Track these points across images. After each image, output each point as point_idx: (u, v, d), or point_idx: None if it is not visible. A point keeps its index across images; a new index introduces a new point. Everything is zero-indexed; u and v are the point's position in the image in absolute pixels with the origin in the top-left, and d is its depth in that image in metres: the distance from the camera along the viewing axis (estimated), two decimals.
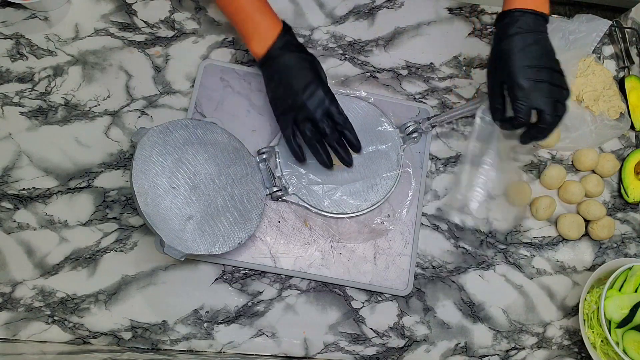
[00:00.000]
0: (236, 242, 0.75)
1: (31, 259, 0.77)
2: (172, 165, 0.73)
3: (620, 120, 0.91)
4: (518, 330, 0.83)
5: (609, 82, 0.92)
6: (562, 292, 0.85)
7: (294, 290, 0.80)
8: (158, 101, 0.85)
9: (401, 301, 0.82)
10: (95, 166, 0.81)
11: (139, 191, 0.69)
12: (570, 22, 0.93)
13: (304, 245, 0.81)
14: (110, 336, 0.76)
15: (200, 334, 0.78)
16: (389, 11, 0.93)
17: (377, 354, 0.80)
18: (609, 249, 0.88)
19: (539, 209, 0.85)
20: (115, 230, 0.80)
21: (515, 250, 0.86)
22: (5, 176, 0.80)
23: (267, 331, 0.79)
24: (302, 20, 0.91)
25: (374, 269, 0.81)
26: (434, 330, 0.81)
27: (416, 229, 0.83)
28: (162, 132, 0.73)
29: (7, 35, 0.85)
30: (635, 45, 0.96)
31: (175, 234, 0.70)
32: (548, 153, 0.90)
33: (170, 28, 0.88)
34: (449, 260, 0.84)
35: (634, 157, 0.90)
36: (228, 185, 0.77)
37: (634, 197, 0.89)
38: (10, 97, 0.82)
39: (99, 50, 0.86)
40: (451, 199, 0.85)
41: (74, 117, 0.83)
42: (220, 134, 0.79)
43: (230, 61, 0.87)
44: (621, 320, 0.76)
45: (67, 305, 0.77)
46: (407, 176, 0.84)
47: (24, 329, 0.75)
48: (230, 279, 0.80)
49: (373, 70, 0.90)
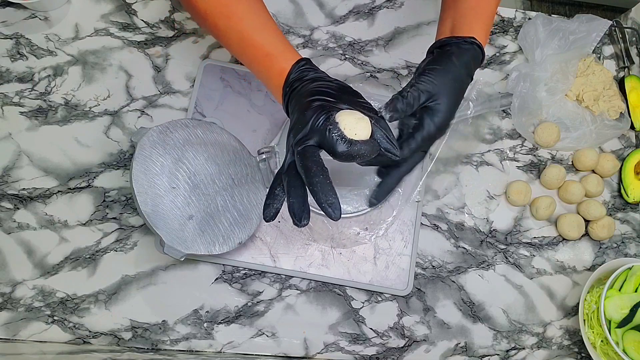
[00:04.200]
0: (236, 242, 0.75)
1: (31, 259, 0.77)
2: (172, 165, 0.73)
3: (620, 120, 0.91)
4: (518, 330, 0.83)
5: (609, 82, 0.92)
6: (562, 292, 0.85)
7: (294, 290, 0.80)
8: (158, 101, 0.85)
9: (401, 301, 0.82)
10: (95, 166, 0.81)
11: (139, 191, 0.69)
12: (570, 22, 0.93)
13: (304, 245, 0.81)
14: (110, 336, 0.76)
15: (200, 334, 0.78)
16: (389, 11, 0.93)
17: (377, 354, 0.80)
18: (609, 249, 0.88)
19: (539, 209, 0.85)
20: (115, 230, 0.80)
21: (515, 250, 0.86)
22: (5, 176, 0.80)
23: (267, 331, 0.79)
24: (302, 20, 0.91)
25: (374, 268, 0.81)
26: (434, 330, 0.81)
27: (416, 229, 0.83)
28: (162, 132, 0.73)
29: (7, 35, 0.85)
30: (635, 45, 0.96)
31: (175, 234, 0.70)
32: (548, 153, 0.90)
33: (170, 28, 0.88)
34: (449, 260, 0.84)
35: (634, 157, 0.90)
36: (228, 185, 0.77)
37: (634, 197, 0.89)
38: (10, 97, 0.82)
39: (99, 50, 0.86)
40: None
41: (74, 117, 0.83)
42: (220, 134, 0.79)
43: (230, 61, 0.87)
44: (621, 320, 0.76)
45: (67, 305, 0.77)
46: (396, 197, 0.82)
47: (24, 329, 0.75)
48: (230, 279, 0.80)
49: (373, 70, 0.90)
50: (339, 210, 0.54)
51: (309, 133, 0.55)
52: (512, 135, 0.90)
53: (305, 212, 0.56)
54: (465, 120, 0.85)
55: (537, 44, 0.91)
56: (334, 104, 0.57)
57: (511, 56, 0.94)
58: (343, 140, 0.55)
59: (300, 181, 0.56)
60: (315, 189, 0.54)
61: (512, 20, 0.96)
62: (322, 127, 0.55)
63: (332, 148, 0.55)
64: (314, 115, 0.55)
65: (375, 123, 0.57)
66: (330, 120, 0.55)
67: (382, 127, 0.58)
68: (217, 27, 0.65)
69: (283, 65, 0.62)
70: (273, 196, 0.58)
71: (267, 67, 0.63)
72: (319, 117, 0.55)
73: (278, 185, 0.58)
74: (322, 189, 0.54)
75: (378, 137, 0.57)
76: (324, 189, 0.54)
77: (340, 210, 0.54)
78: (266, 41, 0.64)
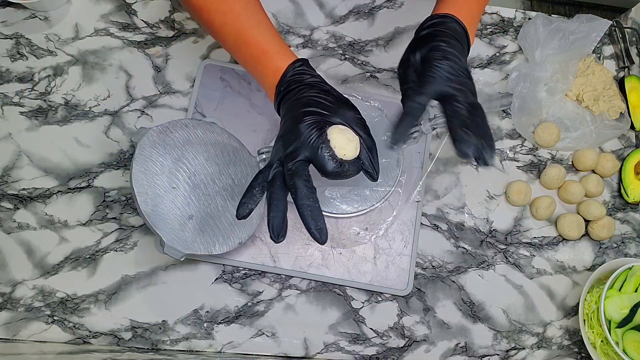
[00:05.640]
0: (236, 242, 0.75)
1: (31, 259, 0.77)
2: (172, 165, 0.73)
3: (620, 120, 0.91)
4: (518, 330, 0.83)
5: (609, 82, 0.92)
6: (562, 292, 0.85)
7: (294, 290, 0.80)
8: (158, 101, 0.85)
9: (401, 301, 0.82)
10: (95, 166, 0.81)
11: (139, 191, 0.69)
12: (570, 22, 0.93)
13: (304, 245, 0.81)
14: (110, 336, 0.76)
15: (200, 334, 0.78)
16: (389, 11, 0.93)
17: (377, 354, 0.80)
18: (609, 249, 0.88)
19: (539, 209, 0.85)
20: (115, 230, 0.80)
21: (515, 250, 0.86)
22: (5, 176, 0.80)
23: (267, 331, 0.79)
24: (302, 20, 0.91)
25: (374, 268, 0.81)
26: (434, 330, 0.81)
27: (416, 229, 0.83)
28: (162, 132, 0.73)
29: (7, 35, 0.85)
30: (635, 45, 0.96)
31: (175, 234, 0.70)
32: (548, 153, 0.90)
33: (170, 28, 0.88)
34: (449, 260, 0.84)
35: (634, 157, 0.90)
36: (228, 185, 0.77)
37: (634, 197, 0.89)
38: (10, 97, 0.82)
39: (99, 50, 0.86)
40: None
41: (74, 117, 0.83)
42: (220, 134, 0.79)
43: (230, 61, 0.87)
44: (621, 320, 0.76)
45: (67, 305, 0.77)
46: (396, 196, 0.83)
47: (24, 329, 0.75)
48: (230, 279, 0.80)
49: (373, 70, 0.90)
50: (326, 235, 0.56)
51: (300, 147, 0.56)
52: (512, 135, 0.90)
53: (284, 229, 0.56)
54: None
55: (537, 44, 0.91)
56: (328, 118, 0.58)
57: (511, 56, 0.94)
58: (334, 160, 0.56)
59: (284, 195, 0.57)
60: (305, 212, 0.55)
61: (512, 20, 0.96)
62: (315, 145, 0.56)
63: (322, 166, 0.56)
64: (307, 130, 0.56)
65: (363, 143, 0.59)
66: (322, 137, 0.56)
67: (368, 149, 0.59)
68: (212, 24, 0.65)
69: (279, 63, 0.62)
70: (250, 195, 0.58)
71: (262, 65, 0.63)
72: (312, 132, 0.56)
73: (257, 185, 0.58)
74: (312, 213, 0.55)
75: (362, 159, 0.59)
76: (314, 214, 0.55)
77: (327, 235, 0.56)
78: (262, 39, 0.63)
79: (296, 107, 0.59)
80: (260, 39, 0.63)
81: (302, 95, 0.60)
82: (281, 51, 0.63)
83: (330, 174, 0.57)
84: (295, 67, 0.61)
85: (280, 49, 0.63)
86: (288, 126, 0.58)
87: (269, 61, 0.62)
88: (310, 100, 0.59)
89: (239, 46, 0.65)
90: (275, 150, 0.59)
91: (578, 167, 0.89)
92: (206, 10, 0.65)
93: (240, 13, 0.64)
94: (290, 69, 0.61)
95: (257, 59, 0.63)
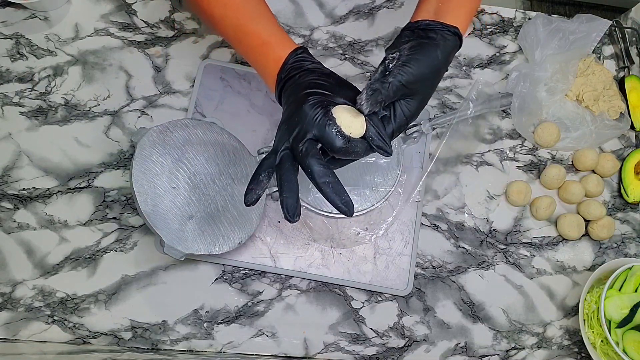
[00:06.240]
0: (236, 242, 0.75)
1: (31, 259, 0.77)
2: (172, 165, 0.73)
3: (620, 120, 0.91)
4: (518, 330, 0.83)
5: (609, 82, 0.92)
6: (562, 292, 0.85)
7: (294, 290, 0.80)
8: (158, 101, 0.85)
9: (401, 301, 0.82)
10: (95, 166, 0.81)
11: (139, 191, 0.69)
12: (570, 22, 0.93)
13: (304, 245, 0.81)
14: (110, 336, 0.76)
15: (200, 334, 0.78)
16: (389, 11, 0.93)
17: (377, 354, 0.80)
18: (609, 249, 0.88)
19: (539, 209, 0.85)
20: (115, 230, 0.80)
21: (515, 250, 0.86)
22: (5, 176, 0.80)
23: (267, 331, 0.79)
24: (302, 20, 0.91)
25: (374, 268, 0.81)
26: (434, 330, 0.81)
27: (416, 229, 0.83)
28: (162, 132, 0.73)
29: (7, 35, 0.85)
30: (635, 45, 0.96)
31: (175, 234, 0.70)
32: (548, 153, 0.90)
33: (170, 28, 0.88)
34: (449, 260, 0.84)
35: (634, 157, 0.90)
36: (228, 185, 0.77)
37: (634, 197, 0.89)
38: (10, 97, 0.82)
39: (99, 50, 0.86)
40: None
41: (74, 117, 0.83)
42: (220, 134, 0.79)
43: (230, 61, 0.87)
44: (621, 320, 0.76)
45: (67, 305, 0.77)
46: (396, 196, 0.83)
47: (24, 329, 0.75)
48: (230, 279, 0.80)
49: (373, 70, 0.90)
50: (353, 207, 0.55)
51: (307, 127, 0.55)
52: (512, 135, 0.90)
53: (298, 209, 0.55)
54: (465, 120, 0.86)
55: (537, 44, 0.91)
56: (331, 98, 0.57)
57: (511, 56, 0.94)
58: (342, 136, 0.55)
59: (294, 177, 0.56)
60: (327, 189, 0.54)
61: (512, 20, 0.96)
62: (321, 122, 0.55)
63: (331, 143, 0.55)
64: (312, 110, 0.55)
65: (369, 120, 0.57)
66: (328, 114, 0.55)
67: (375, 125, 0.57)
68: (213, 16, 0.65)
69: (280, 53, 0.62)
70: (257, 182, 0.58)
71: (263, 55, 0.63)
72: (317, 111, 0.55)
73: (263, 171, 0.58)
74: (334, 189, 0.55)
75: (371, 135, 0.57)
76: (337, 189, 0.55)
77: (353, 207, 0.55)
78: (263, 29, 0.63)
79: (298, 90, 0.58)
80: (261, 30, 0.63)
81: (303, 79, 0.59)
82: (282, 41, 0.63)
83: (339, 150, 0.55)
84: (297, 54, 0.61)
85: (281, 39, 0.63)
86: (292, 109, 0.58)
87: (271, 51, 0.62)
88: (311, 83, 0.59)
89: (240, 37, 0.65)
90: (280, 135, 0.58)
91: (578, 167, 0.89)
92: (206, 1, 0.65)
93: (241, 4, 0.64)
94: (291, 56, 0.61)
95: (259, 49, 0.63)
